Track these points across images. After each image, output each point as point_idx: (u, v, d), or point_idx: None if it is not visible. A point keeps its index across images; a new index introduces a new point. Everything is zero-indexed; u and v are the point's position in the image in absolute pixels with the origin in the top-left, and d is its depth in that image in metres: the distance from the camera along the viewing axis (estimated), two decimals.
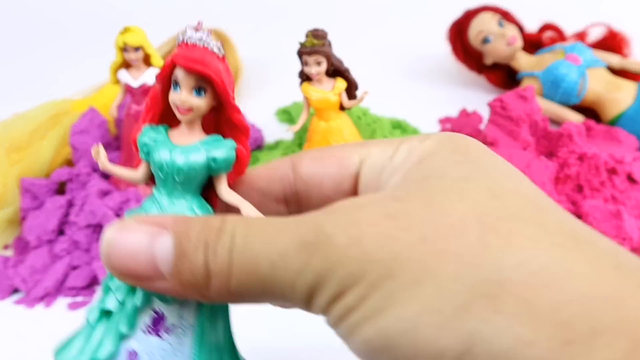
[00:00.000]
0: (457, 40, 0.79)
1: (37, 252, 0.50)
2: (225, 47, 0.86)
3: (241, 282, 0.19)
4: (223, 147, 0.24)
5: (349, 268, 0.18)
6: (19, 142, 0.59)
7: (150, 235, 0.20)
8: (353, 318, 0.18)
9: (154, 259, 0.20)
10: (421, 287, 0.17)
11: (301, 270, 0.18)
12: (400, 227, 0.18)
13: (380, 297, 0.17)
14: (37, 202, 0.55)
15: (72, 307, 0.48)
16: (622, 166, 0.52)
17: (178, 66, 0.23)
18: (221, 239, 0.19)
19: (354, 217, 0.19)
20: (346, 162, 0.25)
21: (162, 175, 0.24)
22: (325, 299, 0.19)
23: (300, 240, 0.19)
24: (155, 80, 0.25)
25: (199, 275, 0.20)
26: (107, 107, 0.64)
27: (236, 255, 0.19)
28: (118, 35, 0.50)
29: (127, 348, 0.23)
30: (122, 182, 0.55)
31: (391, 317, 0.17)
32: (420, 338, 0.17)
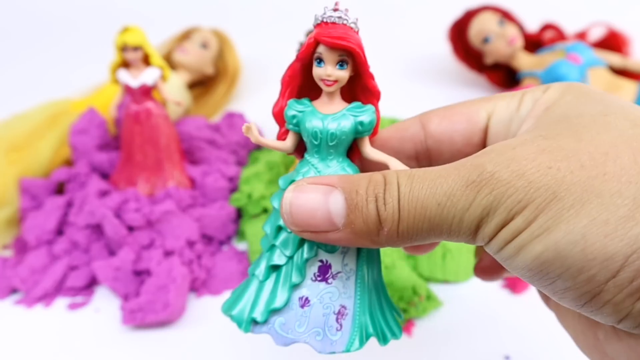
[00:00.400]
0: (457, 39, 0.79)
1: (36, 253, 0.50)
2: (224, 46, 0.86)
3: (410, 225, 0.23)
4: (366, 112, 0.27)
5: (515, 197, 0.21)
6: (18, 142, 0.59)
7: (323, 193, 0.24)
8: (521, 238, 0.21)
9: (330, 213, 0.23)
10: (586, 204, 0.20)
11: (468, 205, 0.22)
12: (557, 158, 0.21)
13: (547, 217, 0.20)
14: (36, 202, 0.55)
15: (72, 307, 0.47)
16: None
17: (322, 44, 0.26)
18: (388, 190, 0.23)
19: (511, 155, 0.22)
20: (475, 117, 0.28)
21: (315, 141, 0.27)
22: (493, 227, 0.22)
23: (465, 180, 0.22)
24: (295, 59, 0.27)
25: (371, 223, 0.23)
26: (106, 107, 0.64)
27: (404, 202, 0.22)
28: (117, 35, 0.50)
29: (299, 295, 0.27)
30: (121, 182, 0.55)
31: (560, 232, 0.20)
32: (589, 246, 0.20)
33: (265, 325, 0.27)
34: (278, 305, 0.26)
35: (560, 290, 0.21)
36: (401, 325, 0.30)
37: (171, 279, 0.45)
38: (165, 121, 0.54)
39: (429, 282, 0.49)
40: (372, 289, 0.28)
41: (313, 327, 0.27)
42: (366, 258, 0.28)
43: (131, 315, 0.44)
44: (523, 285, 0.48)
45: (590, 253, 0.20)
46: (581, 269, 0.20)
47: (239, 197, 0.54)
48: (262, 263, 0.28)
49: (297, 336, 0.27)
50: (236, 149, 0.63)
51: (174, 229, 0.50)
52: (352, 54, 0.26)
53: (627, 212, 0.20)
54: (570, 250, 0.20)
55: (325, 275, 0.27)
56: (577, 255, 0.20)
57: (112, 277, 0.47)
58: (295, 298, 0.27)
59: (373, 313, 0.28)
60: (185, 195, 0.54)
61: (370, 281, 0.28)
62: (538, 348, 0.43)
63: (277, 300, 0.26)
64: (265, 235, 0.28)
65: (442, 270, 0.48)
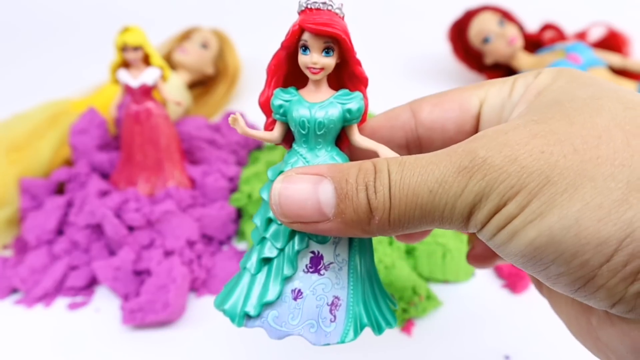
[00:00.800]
0: (457, 39, 0.79)
1: (36, 252, 0.50)
2: (224, 46, 0.86)
3: (401, 213, 0.22)
4: (354, 99, 0.26)
5: (508, 182, 0.21)
6: (18, 142, 0.59)
7: (313, 183, 0.23)
8: (514, 224, 0.21)
9: (319, 203, 0.23)
10: (580, 188, 0.20)
11: (460, 191, 0.21)
12: (550, 143, 0.21)
13: (540, 202, 0.20)
14: (36, 202, 0.55)
15: (71, 307, 0.47)
16: None
17: (307, 31, 0.25)
18: (378, 178, 0.22)
19: (503, 140, 0.21)
20: (466, 104, 0.28)
21: (303, 131, 0.26)
22: (485, 213, 0.21)
23: (457, 166, 0.21)
24: (280, 47, 0.27)
25: (362, 212, 0.23)
26: (106, 106, 0.64)
27: (395, 189, 0.22)
28: (117, 35, 0.50)
29: (291, 287, 0.26)
30: (121, 182, 0.55)
31: (553, 217, 0.20)
32: (582, 230, 0.19)
33: (258, 319, 0.26)
34: (271, 299, 0.26)
35: (554, 275, 0.21)
36: (396, 315, 0.30)
37: (171, 279, 0.45)
38: (166, 121, 0.54)
39: (429, 282, 0.49)
40: (366, 279, 0.28)
41: (307, 319, 0.26)
42: (358, 248, 0.27)
43: (131, 315, 0.44)
44: (523, 285, 0.48)
45: (584, 237, 0.20)
46: (575, 254, 0.20)
47: (239, 197, 0.54)
48: (254, 256, 0.27)
49: (291, 329, 0.26)
50: (236, 149, 0.63)
51: (174, 229, 0.50)
52: (338, 40, 0.25)
53: (620, 196, 0.19)
54: (564, 235, 0.20)
55: (318, 267, 0.27)
56: (570, 240, 0.20)
57: (112, 277, 0.47)
58: (288, 290, 0.26)
59: (367, 303, 0.28)
60: (185, 195, 0.54)
61: (363, 271, 0.28)
62: (538, 348, 0.43)
63: (270, 294, 0.26)
64: (256, 228, 0.28)
65: (442, 270, 0.48)
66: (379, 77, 0.86)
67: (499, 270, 0.49)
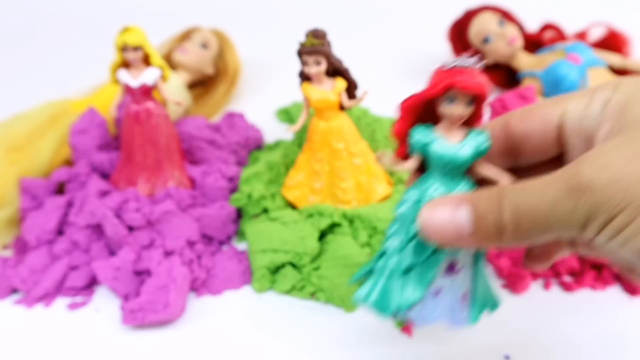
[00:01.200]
0: (457, 40, 0.79)
1: (36, 252, 0.50)
2: (224, 46, 0.86)
3: (525, 230, 0.27)
4: (483, 139, 0.32)
5: (614, 201, 0.24)
6: (18, 142, 0.59)
7: (452, 211, 0.29)
8: (623, 235, 0.25)
9: (458, 226, 0.29)
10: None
11: (572, 211, 0.25)
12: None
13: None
14: (37, 202, 0.55)
15: (72, 308, 0.47)
16: None
17: (459, 89, 0.30)
18: (505, 202, 0.27)
19: (606, 162, 0.25)
20: (548, 117, 0.32)
21: (441, 164, 0.32)
22: (596, 227, 0.25)
23: (566, 189, 0.26)
24: (425, 93, 0.31)
25: (493, 231, 0.28)
26: (106, 107, 0.64)
27: (519, 211, 0.27)
28: (117, 35, 0.50)
29: (432, 288, 0.33)
30: (121, 182, 0.55)
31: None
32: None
33: (404, 314, 0.33)
34: (416, 298, 0.32)
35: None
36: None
37: (171, 279, 0.45)
38: (166, 121, 0.54)
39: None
40: (484, 274, 0.35)
41: (444, 311, 0.33)
42: (478, 253, 0.34)
43: (131, 315, 0.44)
44: (523, 286, 0.48)
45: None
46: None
47: (239, 197, 0.54)
48: (396, 260, 0.33)
49: (432, 319, 0.33)
50: (236, 149, 0.63)
51: (174, 229, 0.50)
52: (480, 96, 0.30)
53: None
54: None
55: (453, 270, 0.33)
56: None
57: (112, 277, 0.47)
58: (429, 290, 0.33)
59: (485, 292, 0.35)
60: (185, 195, 0.54)
61: (481, 267, 0.34)
62: (538, 348, 0.43)
63: (416, 295, 0.32)
64: (393, 233, 0.34)
65: None
66: (378, 77, 0.86)
67: (498, 271, 0.49)
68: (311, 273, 0.48)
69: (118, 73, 0.52)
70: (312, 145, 0.52)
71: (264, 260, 0.48)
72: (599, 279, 0.48)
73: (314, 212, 0.51)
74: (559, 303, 0.47)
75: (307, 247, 0.48)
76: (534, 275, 0.49)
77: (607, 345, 0.43)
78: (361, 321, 0.46)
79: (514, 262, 0.49)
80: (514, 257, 0.49)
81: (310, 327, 0.45)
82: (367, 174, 0.53)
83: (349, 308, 0.46)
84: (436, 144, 0.32)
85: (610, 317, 0.45)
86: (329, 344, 0.44)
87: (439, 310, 0.33)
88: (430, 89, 0.31)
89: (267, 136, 0.69)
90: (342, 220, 0.51)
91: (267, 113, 0.76)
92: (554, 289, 0.48)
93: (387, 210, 0.50)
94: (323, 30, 0.47)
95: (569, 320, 0.45)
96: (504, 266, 0.49)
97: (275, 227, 0.50)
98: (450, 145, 0.32)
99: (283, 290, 0.48)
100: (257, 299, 0.48)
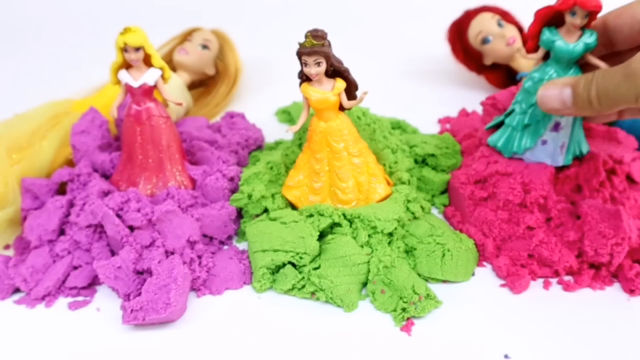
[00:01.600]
0: (456, 40, 0.80)
1: (37, 252, 0.50)
2: (225, 46, 0.86)
3: (605, 101, 0.43)
4: (592, 39, 0.47)
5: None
6: (20, 142, 0.60)
7: (559, 89, 0.46)
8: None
9: (563, 101, 0.45)
10: None
11: (627, 90, 0.41)
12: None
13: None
14: (38, 202, 0.55)
15: (73, 307, 0.48)
16: (621, 166, 0.52)
17: (580, 7, 0.44)
18: (592, 83, 0.43)
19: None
20: (636, 14, 0.46)
21: (560, 57, 0.48)
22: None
23: (623, 76, 0.41)
24: (553, 6, 0.46)
25: (586, 103, 0.44)
26: (107, 107, 0.64)
27: (600, 90, 0.43)
28: (118, 36, 0.50)
29: (541, 139, 0.52)
30: (122, 182, 0.55)
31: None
32: None
33: (520, 155, 0.53)
34: (529, 145, 0.52)
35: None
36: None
37: (172, 279, 0.45)
38: (166, 121, 0.54)
39: (428, 281, 0.49)
40: (579, 132, 0.52)
41: (548, 154, 0.52)
42: (581, 118, 0.51)
43: (132, 315, 0.44)
44: (522, 285, 0.48)
45: None
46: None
47: (239, 198, 0.54)
48: (518, 119, 0.52)
49: (540, 159, 0.52)
50: (237, 149, 0.63)
51: (175, 228, 0.50)
52: (596, 13, 0.45)
53: None
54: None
55: (557, 128, 0.51)
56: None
57: (113, 276, 0.47)
58: (539, 140, 0.52)
59: (578, 142, 0.52)
60: (186, 195, 0.54)
61: (577, 127, 0.51)
62: (538, 348, 0.43)
63: (529, 142, 0.52)
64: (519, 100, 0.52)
65: (441, 270, 0.48)
66: (378, 77, 0.86)
67: (498, 270, 0.49)
68: (311, 273, 0.48)
69: (119, 74, 0.52)
70: (312, 145, 0.52)
71: (264, 260, 0.49)
72: (597, 277, 0.48)
73: (314, 212, 0.51)
74: (559, 303, 0.47)
75: (307, 247, 0.48)
76: (532, 275, 0.49)
77: (607, 345, 0.43)
78: (361, 321, 0.46)
79: (513, 262, 0.50)
80: (512, 257, 0.50)
81: (310, 327, 0.46)
82: (367, 174, 0.53)
83: (349, 308, 0.47)
84: (559, 42, 0.47)
85: (610, 317, 0.46)
86: (329, 344, 0.44)
87: (544, 154, 0.52)
88: (561, 4, 0.45)
89: (267, 136, 0.69)
90: (342, 220, 0.51)
91: (267, 113, 0.77)
92: (553, 288, 0.48)
93: (387, 210, 0.51)
94: (323, 31, 0.47)
95: (569, 320, 0.45)
96: (503, 266, 0.49)
97: (275, 227, 0.50)
98: (569, 44, 0.47)
99: (283, 289, 0.48)
100: (257, 299, 0.48)
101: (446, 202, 0.58)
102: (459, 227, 0.54)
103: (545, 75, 0.49)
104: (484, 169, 0.54)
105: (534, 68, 0.50)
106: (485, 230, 0.52)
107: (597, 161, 0.52)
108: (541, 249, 0.49)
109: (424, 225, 0.52)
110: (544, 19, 0.48)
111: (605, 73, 0.42)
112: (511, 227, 0.51)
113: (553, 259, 0.49)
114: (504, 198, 0.51)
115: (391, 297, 0.47)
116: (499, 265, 0.49)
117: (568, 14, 0.46)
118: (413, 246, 0.51)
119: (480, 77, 0.82)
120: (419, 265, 0.49)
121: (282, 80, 0.86)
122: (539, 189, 0.51)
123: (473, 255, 0.51)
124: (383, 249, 0.50)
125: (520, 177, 0.52)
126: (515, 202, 0.51)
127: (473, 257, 0.51)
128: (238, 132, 0.65)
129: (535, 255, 0.50)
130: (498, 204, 0.52)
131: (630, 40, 0.47)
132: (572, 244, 0.49)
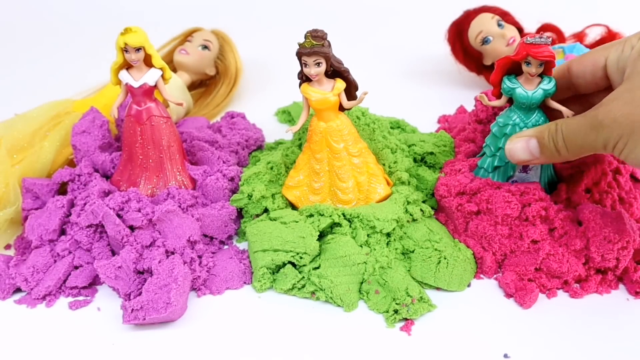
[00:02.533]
0: (456, 40, 0.80)
1: (38, 252, 0.50)
2: (225, 47, 0.86)
3: (572, 150, 0.44)
4: (550, 85, 0.49)
5: (617, 133, 0.40)
6: (21, 142, 0.60)
7: (525, 142, 0.47)
8: (624, 152, 0.41)
9: (530, 151, 0.47)
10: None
11: (595, 140, 0.42)
12: (635, 106, 0.40)
13: (633, 141, 0.40)
14: (39, 202, 0.56)
15: (73, 307, 0.48)
16: (625, 166, 0.52)
17: (533, 58, 0.47)
18: (557, 133, 0.45)
19: (611, 107, 0.41)
20: (597, 61, 0.47)
21: (521, 103, 0.49)
22: (610, 148, 0.41)
23: (590, 126, 0.42)
24: (513, 55, 0.48)
25: (553, 152, 0.45)
26: (108, 107, 0.64)
27: (566, 139, 0.44)
28: (119, 36, 0.50)
29: (511, 180, 0.53)
30: (122, 182, 0.55)
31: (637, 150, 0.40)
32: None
33: None
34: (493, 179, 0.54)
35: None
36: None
37: (172, 278, 0.45)
38: (167, 122, 0.54)
39: (422, 287, 0.49)
40: (548, 174, 0.54)
41: None
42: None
43: (133, 314, 0.45)
44: (531, 299, 0.47)
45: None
46: None
47: (239, 198, 0.54)
48: (488, 163, 0.53)
49: None
50: (237, 149, 0.63)
51: (175, 228, 0.50)
52: (549, 62, 0.47)
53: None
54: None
55: (526, 169, 0.52)
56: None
57: (114, 276, 0.47)
58: (510, 181, 0.53)
59: (550, 175, 0.54)
60: (186, 195, 0.54)
61: (546, 167, 0.53)
62: (538, 348, 0.43)
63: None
64: (488, 143, 0.53)
65: (434, 276, 0.48)
66: (378, 78, 0.86)
67: (505, 287, 0.48)
68: (311, 272, 0.48)
69: (120, 74, 0.52)
70: (312, 145, 0.52)
71: (265, 260, 0.49)
72: (603, 282, 0.48)
73: (314, 212, 0.51)
74: (559, 302, 0.47)
75: (307, 246, 0.49)
76: (542, 288, 0.48)
77: (607, 344, 0.43)
78: (361, 321, 0.46)
79: (520, 277, 0.48)
80: (519, 272, 0.49)
81: (310, 326, 0.46)
82: (366, 174, 0.53)
83: (349, 307, 0.47)
84: (519, 90, 0.49)
85: (611, 317, 0.46)
86: (329, 344, 0.44)
87: None
88: (515, 55, 0.48)
89: (267, 136, 0.69)
90: (342, 220, 0.51)
91: (267, 113, 0.77)
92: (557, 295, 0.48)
93: (386, 210, 0.51)
94: (323, 31, 0.47)
95: (568, 320, 0.45)
96: (510, 282, 0.48)
97: (275, 227, 0.51)
98: (527, 91, 0.49)
99: (283, 289, 0.48)
100: (257, 299, 0.49)
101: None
102: (455, 236, 0.53)
103: (510, 120, 0.50)
104: (468, 182, 0.53)
105: (502, 113, 0.52)
106: (485, 244, 0.51)
107: (603, 163, 0.52)
108: (549, 261, 0.48)
109: (422, 229, 0.52)
110: (504, 68, 0.50)
111: (569, 123, 0.44)
112: (513, 242, 0.50)
113: (562, 270, 0.47)
114: (502, 213, 0.50)
115: (385, 298, 0.47)
116: (506, 281, 0.48)
117: (524, 64, 0.48)
118: (410, 249, 0.51)
119: (480, 77, 0.82)
120: (414, 269, 0.49)
121: (282, 80, 0.87)
122: (538, 201, 0.50)
123: (471, 266, 0.50)
124: (381, 249, 0.50)
125: (514, 187, 0.51)
126: (513, 215, 0.50)
127: (471, 268, 0.50)
128: (238, 132, 0.65)
129: (543, 268, 0.48)
130: (496, 219, 0.50)
131: (593, 85, 0.48)
132: (579, 252, 0.48)
